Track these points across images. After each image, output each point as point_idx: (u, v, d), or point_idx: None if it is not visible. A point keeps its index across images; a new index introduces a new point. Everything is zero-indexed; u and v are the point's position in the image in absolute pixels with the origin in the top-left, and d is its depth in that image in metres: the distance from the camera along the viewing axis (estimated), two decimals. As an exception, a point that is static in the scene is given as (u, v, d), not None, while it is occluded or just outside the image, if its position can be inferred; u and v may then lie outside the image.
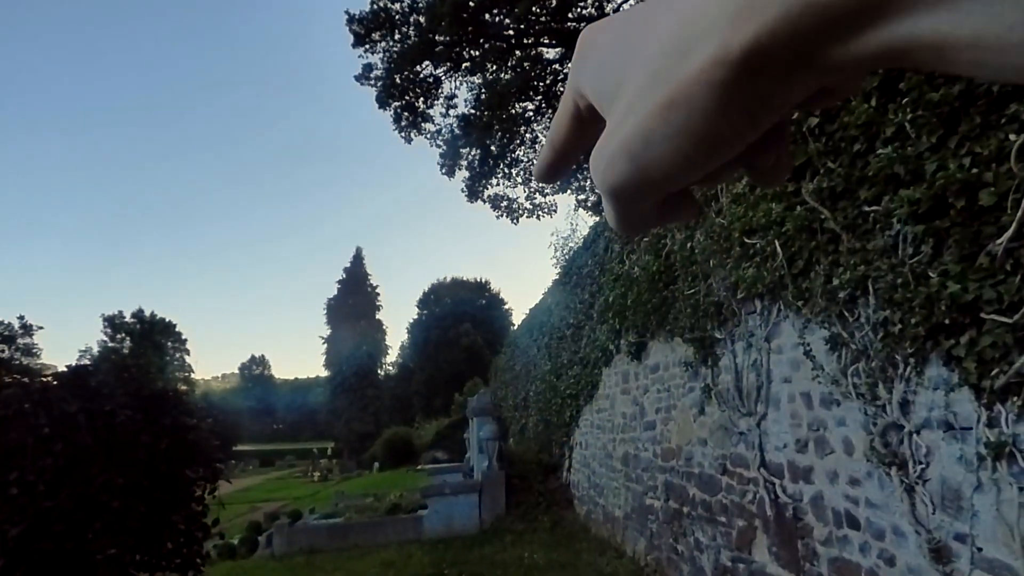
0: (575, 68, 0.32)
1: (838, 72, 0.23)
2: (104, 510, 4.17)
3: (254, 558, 10.28)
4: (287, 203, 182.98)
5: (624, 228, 0.32)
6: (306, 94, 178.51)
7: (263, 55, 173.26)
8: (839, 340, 3.47)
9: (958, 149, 2.63)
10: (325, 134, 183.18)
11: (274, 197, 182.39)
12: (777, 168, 0.29)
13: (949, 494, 2.76)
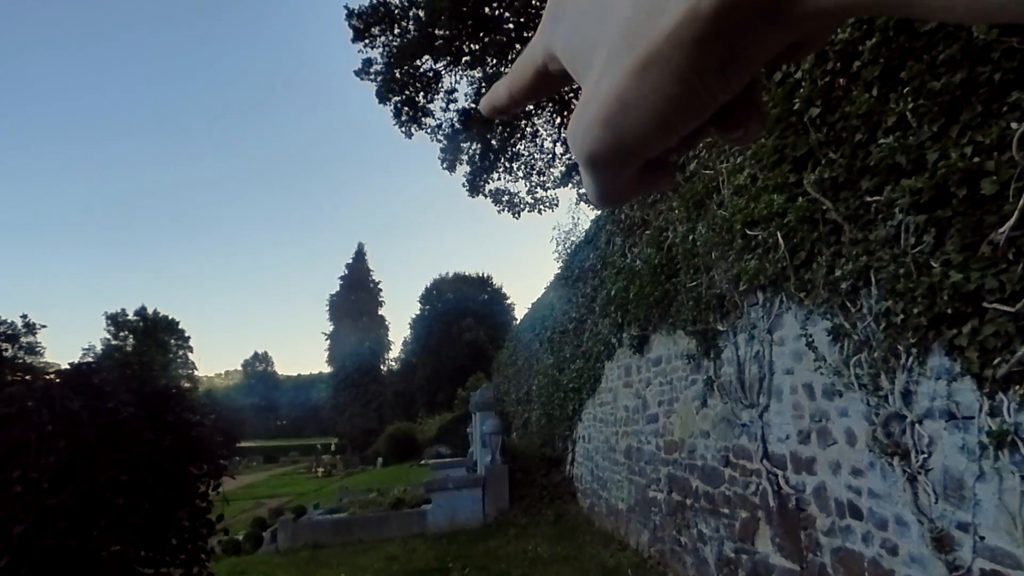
0: (546, 27, 0.31)
1: (808, 23, 0.23)
2: (108, 507, 4.18)
3: (259, 553, 10.33)
4: (289, 200, 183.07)
5: (603, 199, 0.32)
6: (308, 90, 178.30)
7: (264, 51, 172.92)
8: (841, 331, 3.46)
9: (959, 138, 2.62)
10: (326, 131, 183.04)
11: (276, 194, 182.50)
12: (749, 128, 0.29)
13: (951, 483, 2.76)
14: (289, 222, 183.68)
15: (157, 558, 4.64)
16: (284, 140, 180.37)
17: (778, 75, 4.02)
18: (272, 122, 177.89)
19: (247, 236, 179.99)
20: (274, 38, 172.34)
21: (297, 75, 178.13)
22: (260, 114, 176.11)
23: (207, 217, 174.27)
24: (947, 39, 2.68)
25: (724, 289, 4.87)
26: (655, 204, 6.49)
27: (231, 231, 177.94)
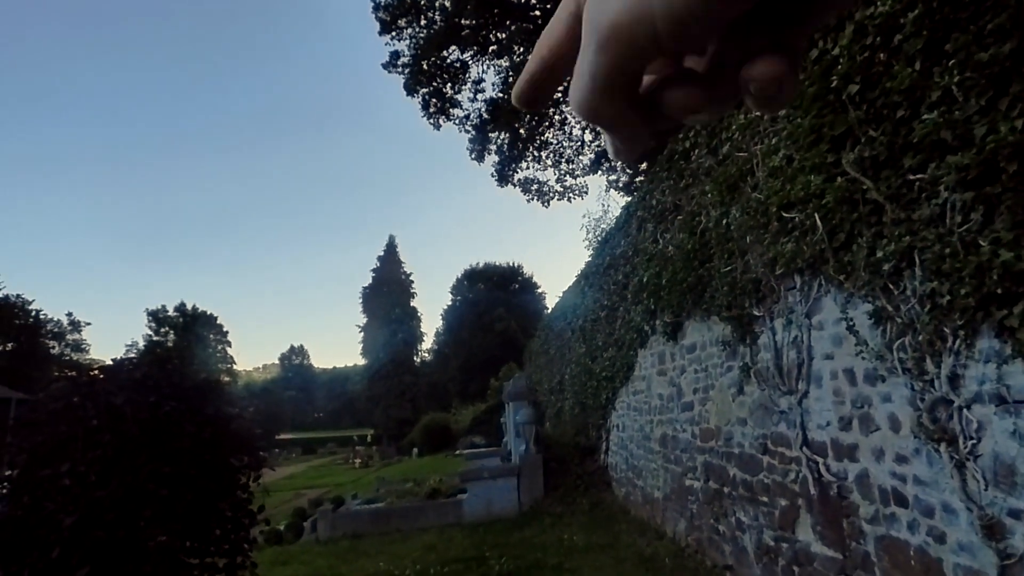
0: None
1: None
2: (153, 499, 4.30)
3: (300, 543, 10.59)
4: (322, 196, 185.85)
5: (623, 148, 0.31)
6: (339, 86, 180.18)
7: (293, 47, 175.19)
8: (884, 314, 3.36)
9: (1009, 111, 2.51)
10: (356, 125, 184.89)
11: (310, 190, 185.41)
12: (780, 90, 0.28)
13: (1002, 469, 2.67)
14: (322, 217, 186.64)
15: (201, 548, 4.77)
16: (317, 137, 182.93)
17: (814, 52, 3.90)
18: (305, 119, 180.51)
19: (282, 232, 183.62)
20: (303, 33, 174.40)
21: (328, 70, 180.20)
22: (292, 112, 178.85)
23: (244, 214, 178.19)
24: (995, 8, 2.56)
25: (759, 273, 4.77)
26: (687, 189, 6.39)
27: (267, 228, 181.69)
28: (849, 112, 3.51)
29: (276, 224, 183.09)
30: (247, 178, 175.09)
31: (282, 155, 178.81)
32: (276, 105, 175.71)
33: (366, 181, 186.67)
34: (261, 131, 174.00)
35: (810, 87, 3.88)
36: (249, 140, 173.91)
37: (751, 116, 4.86)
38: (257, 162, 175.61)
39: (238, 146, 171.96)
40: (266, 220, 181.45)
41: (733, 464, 5.61)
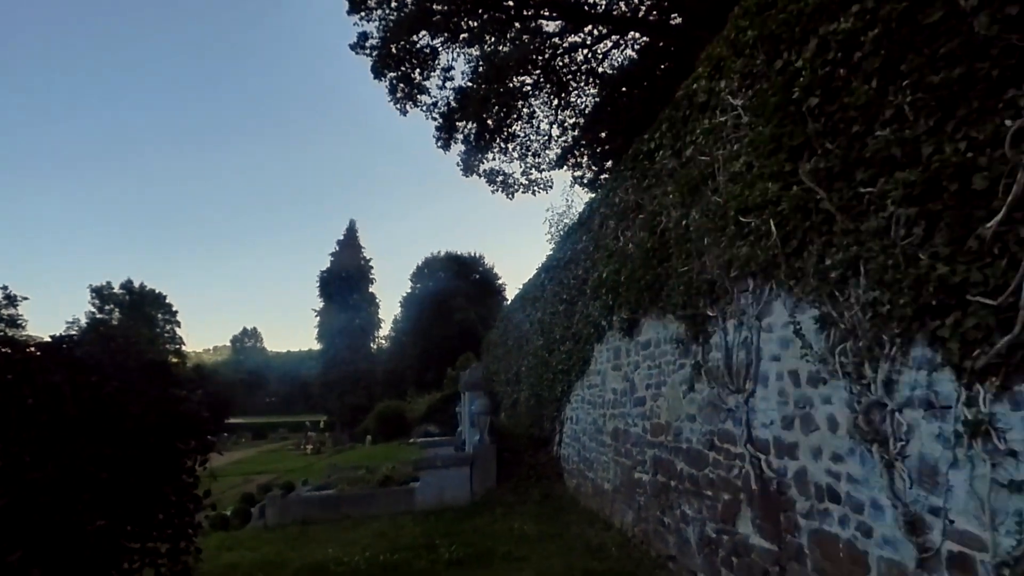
0: None
1: None
2: (93, 482, 4.17)
3: (247, 529, 10.43)
4: (280, 175, 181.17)
5: None
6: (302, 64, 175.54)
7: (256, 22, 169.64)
8: (829, 319, 3.52)
9: (955, 133, 2.65)
10: (320, 106, 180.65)
11: (267, 168, 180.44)
12: None
13: (926, 470, 2.84)
14: (280, 198, 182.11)
15: (143, 533, 4.66)
16: (276, 114, 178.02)
17: (779, 63, 4.02)
18: (264, 96, 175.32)
19: (237, 211, 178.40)
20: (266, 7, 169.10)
21: (291, 48, 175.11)
22: (251, 88, 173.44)
23: (196, 190, 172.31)
24: (948, 34, 2.69)
25: (715, 275, 4.91)
26: (650, 188, 6.51)
27: (221, 205, 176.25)
28: (808, 124, 3.64)
29: (231, 202, 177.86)
30: (201, 155, 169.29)
31: (239, 132, 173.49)
32: (233, 81, 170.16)
33: (327, 163, 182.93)
34: (216, 107, 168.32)
35: (773, 97, 4.00)
36: (204, 116, 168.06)
37: (715, 121, 4.98)
38: (212, 139, 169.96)
39: (192, 123, 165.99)
40: (220, 198, 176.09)
41: (681, 459, 5.78)
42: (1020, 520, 2.34)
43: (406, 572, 6.45)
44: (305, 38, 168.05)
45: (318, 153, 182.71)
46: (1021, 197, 2.33)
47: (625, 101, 17.52)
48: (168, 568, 4.67)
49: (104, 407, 4.44)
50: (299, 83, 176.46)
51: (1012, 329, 2.34)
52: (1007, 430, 2.41)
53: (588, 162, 19.91)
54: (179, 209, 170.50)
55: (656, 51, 17.29)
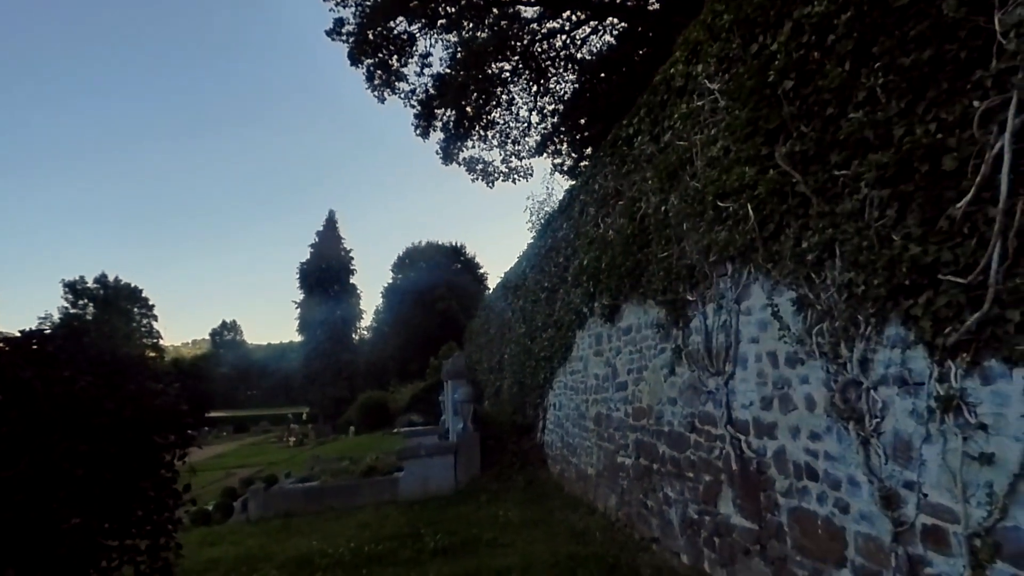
0: None
1: None
2: (67, 478, 4.08)
3: (229, 523, 10.34)
4: (258, 166, 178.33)
5: None
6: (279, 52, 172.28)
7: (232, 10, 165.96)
8: (806, 301, 3.57)
9: (925, 115, 2.68)
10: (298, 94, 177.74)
11: (245, 159, 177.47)
12: None
13: (901, 445, 2.90)
14: (258, 188, 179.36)
15: (121, 530, 4.59)
16: (254, 104, 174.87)
17: (754, 46, 4.03)
18: (240, 85, 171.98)
19: (214, 202, 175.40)
20: None
21: (267, 35, 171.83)
22: (227, 77, 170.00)
23: (172, 183, 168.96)
24: (918, 16, 2.72)
25: (694, 260, 4.95)
26: (629, 175, 6.52)
27: (197, 197, 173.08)
28: (783, 107, 3.66)
29: (208, 195, 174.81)
30: (176, 146, 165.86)
31: (215, 122, 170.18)
32: (210, 70, 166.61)
33: (305, 153, 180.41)
34: (193, 97, 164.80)
35: (749, 80, 4.02)
36: (181, 106, 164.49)
37: (693, 105, 4.99)
38: (188, 129, 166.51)
39: (168, 113, 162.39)
40: (197, 190, 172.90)
41: (663, 442, 5.84)
42: (991, 492, 2.40)
43: (391, 562, 6.45)
44: (281, 25, 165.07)
45: (296, 143, 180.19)
46: (989, 177, 2.37)
47: (604, 87, 17.48)
48: (148, 565, 4.60)
49: (78, 402, 4.34)
50: (276, 71, 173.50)
51: (981, 306, 2.39)
52: (977, 404, 2.47)
53: (568, 149, 19.87)
54: (155, 202, 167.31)
55: (634, 36, 17.25)
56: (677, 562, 5.48)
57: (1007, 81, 2.31)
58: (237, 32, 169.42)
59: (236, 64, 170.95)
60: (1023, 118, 2.26)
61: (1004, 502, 2.35)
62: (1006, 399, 2.36)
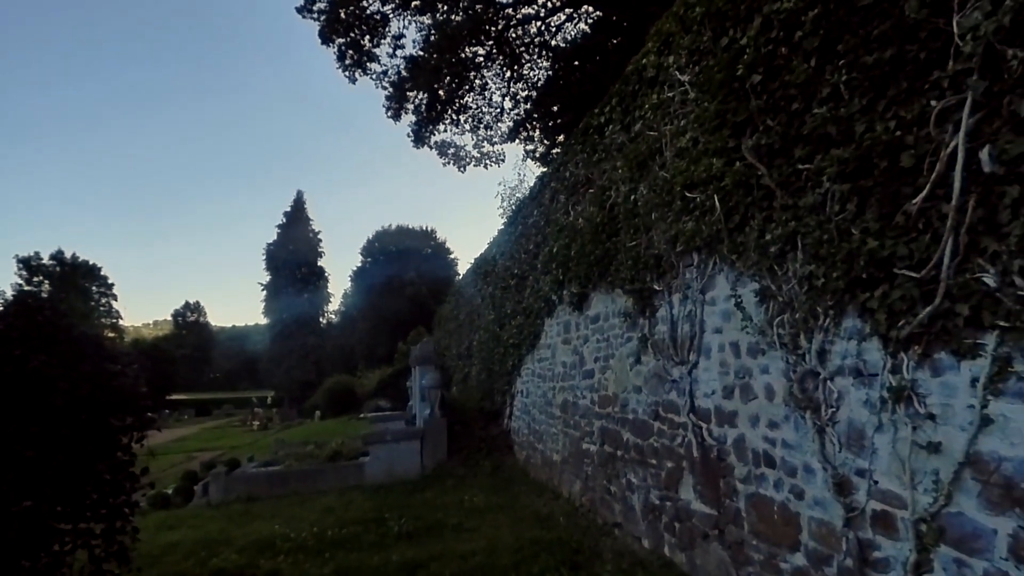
0: None
1: None
2: (17, 460, 3.97)
3: (189, 507, 10.18)
4: (225, 142, 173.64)
5: None
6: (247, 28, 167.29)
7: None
8: (768, 292, 3.64)
9: (885, 112, 2.75)
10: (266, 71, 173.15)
11: (211, 135, 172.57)
12: None
13: (854, 434, 3.00)
14: (224, 166, 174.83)
15: (75, 513, 4.48)
16: (221, 80, 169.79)
17: (724, 40, 4.07)
18: (207, 60, 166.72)
19: (179, 179, 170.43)
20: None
21: (237, 11, 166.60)
22: (194, 51, 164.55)
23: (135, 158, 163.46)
24: (881, 16, 2.77)
25: (662, 249, 5.00)
26: (599, 163, 6.54)
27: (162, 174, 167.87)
28: (751, 100, 3.70)
29: (172, 171, 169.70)
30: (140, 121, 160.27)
31: (182, 96, 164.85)
32: (175, 44, 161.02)
33: (274, 132, 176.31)
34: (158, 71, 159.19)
35: (718, 73, 4.05)
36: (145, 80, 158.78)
37: (664, 96, 5.02)
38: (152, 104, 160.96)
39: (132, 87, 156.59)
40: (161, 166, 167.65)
41: (627, 429, 5.93)
42: (937, 479, 2.50)
43: (355, 546, 6.44)
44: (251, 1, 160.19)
45: (263, 121, 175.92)
46: (944, 175, 2.44)
47: (577, 75, 17.45)
48: (103, 549, 4.51)
49: (29, 382, 4.20)
50: (244, 48, 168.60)
51: (933, 300, 2.47)
52: (927, 395, 2.57)
53: (540, 136, 19.83)
54: (117, 179, 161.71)
55: (609, 25, 17.24)
56: (638, 546, 5.59)
57: (963, 82, 2.37)
58: (205, 6, 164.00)
59: (202, 39, 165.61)
60: (977, 118, 2.33)
61: (949, 489, 2.44)
62: (954, 390, 2.45)
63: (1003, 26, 2.19)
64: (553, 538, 6.07)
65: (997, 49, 2.24)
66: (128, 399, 4.90)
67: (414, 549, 6.18)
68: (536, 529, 6.55)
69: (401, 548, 6.26)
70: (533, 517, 7.10)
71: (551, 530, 6.45)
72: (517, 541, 6.07)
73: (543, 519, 6.96)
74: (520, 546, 5.90)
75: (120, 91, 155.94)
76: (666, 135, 4.92)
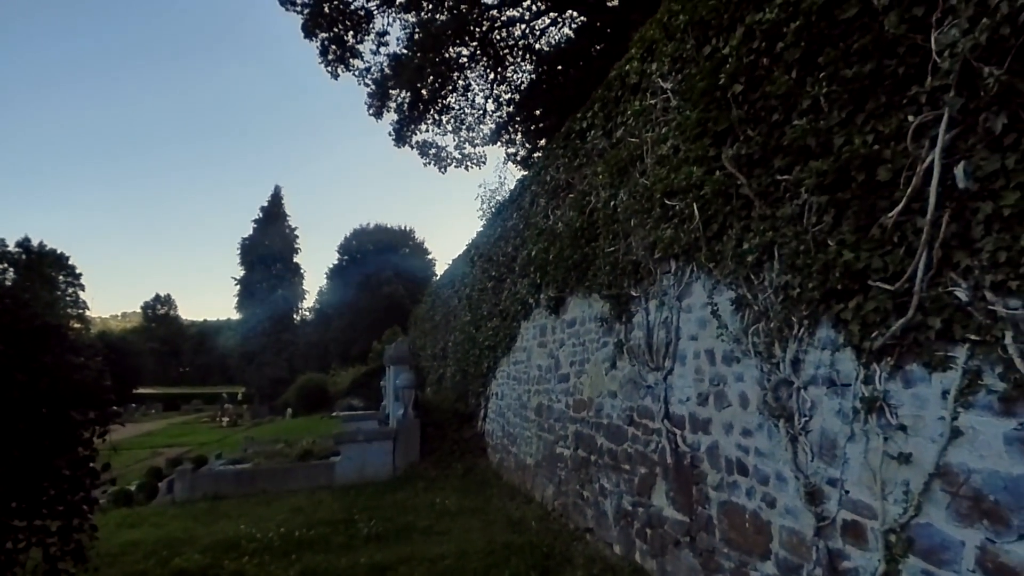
0: None
1: None
2: (-32, 454, 3.83)
3: (153, 505, 9.93)
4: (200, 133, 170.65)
5: None
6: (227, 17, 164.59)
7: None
8: (744, 301, 3.66)
9: (864, 126, 2.77)
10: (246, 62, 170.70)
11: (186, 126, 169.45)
12: None
13: (826, 444, 3.02)
14: (200, 156, 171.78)
15: (31, 509, 4.32)
16: (198, 68, 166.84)
17: (707, 48, 4.09)
18: (185, 48, 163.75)
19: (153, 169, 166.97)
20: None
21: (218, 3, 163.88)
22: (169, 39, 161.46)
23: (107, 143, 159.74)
24: (862, 30, 2.80)
25: (640, 256, 5.01)
26: (580, 168, 6.54)
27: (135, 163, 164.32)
28: (732, 110, 3.72)
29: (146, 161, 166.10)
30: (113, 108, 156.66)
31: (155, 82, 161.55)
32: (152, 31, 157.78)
33: (253, 125, 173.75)
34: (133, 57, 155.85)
35: (700, 82, 4.07)
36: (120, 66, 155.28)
37: (646, 103, 5.03)
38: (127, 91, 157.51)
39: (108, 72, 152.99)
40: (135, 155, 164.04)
41: (601, 434, 5.93)
42: (907, 490, 2.53)
43: (323, 548, 6.33)
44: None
45: (243, 113, 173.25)
46: (920, 189, 2.47)
47: (560, 79, 17.51)
48: (59, 547, 4.36)
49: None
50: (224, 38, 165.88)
51: (906, 313, 2.49)
52: (899, 406, 2.59)
53: (522, 139, 19.84)
54: (88, 165, 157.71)
55: (593, 31, 17.33)
56: (610, 552, 5.58)
57: (940, 98, 2.41)
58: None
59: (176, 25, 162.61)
60: (953, 134, 2.36)
61: (919, 500, 2.47)
62: (925, 402, 2.48)
63: (980, 44, 2.23)
64: (524, 542, 6.04)
65: (974, 66, 2.27)
66: (91, 392, 4.75)
67: (383, 551, 6.10)
68: (507, 533, 6.51)
69: (370, 550, 6.18)
70: (505, 521, 7.06)
71: (523, 534, 6.42)
72: (488, 545, 6.03)
73: (515, 523, 6.92)
74: (491, 550, 5.86)
75: (92, 77, 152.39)
76: (647, 142, 4.93)
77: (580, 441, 6.47)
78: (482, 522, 7.08)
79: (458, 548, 5.99)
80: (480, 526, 6.89)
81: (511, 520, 7.06)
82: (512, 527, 6.76)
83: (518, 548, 5.84)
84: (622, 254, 5.34)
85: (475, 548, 5.96)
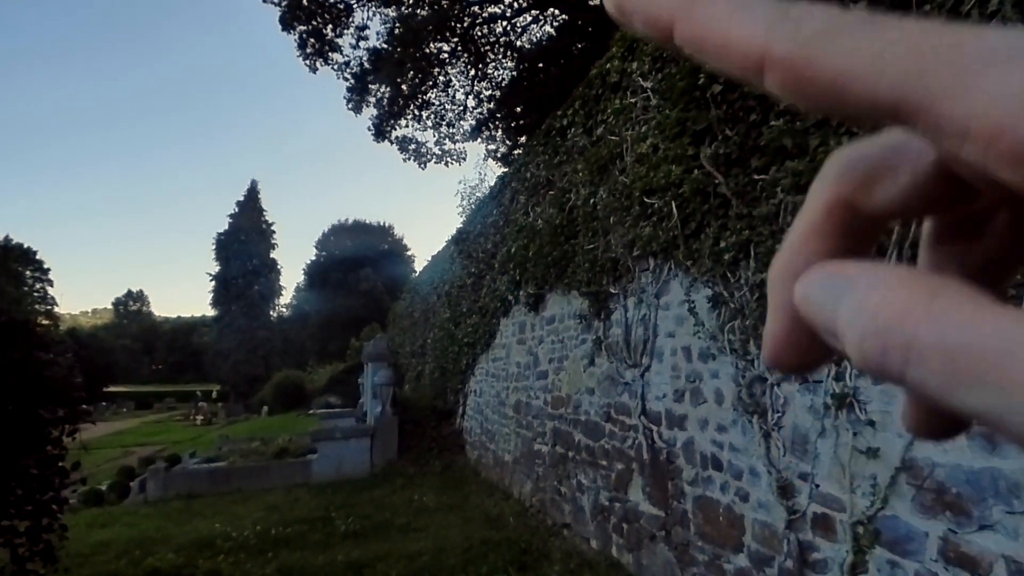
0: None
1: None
2: (-65, 453, 3.73)
3: (125, 504, 9.73)
4: (175, 127, 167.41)
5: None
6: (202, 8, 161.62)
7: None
8: (720, 299, 3.71)
9: (839, 127, 2.83)
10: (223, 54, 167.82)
11: (160, 119, 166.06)
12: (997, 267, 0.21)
13: (798, 439, 3.09)
14: (174, 150, 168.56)
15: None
16: (173, 60, 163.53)
17: (686, 49, 4.13)
18: (160, 39, 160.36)
19: (125, 163, 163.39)
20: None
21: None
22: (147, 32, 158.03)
23: (78, 135, 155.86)
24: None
25: (619, 253, 5.05)
26: (561, 165, 6.56)
27: (105, 153, 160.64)
28: (711, 110, 3.77)
29: (118, 153, 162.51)
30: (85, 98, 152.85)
31: (131, 74, 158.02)
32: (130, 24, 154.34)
33: (229, 117, 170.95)
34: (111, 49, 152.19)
35: (680, 81, 4.11)
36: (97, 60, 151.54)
37: (626, 101, 5.07)
38: (99, 83, 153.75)
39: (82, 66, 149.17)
40: (106, 146, 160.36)
41: (579, 430, 5.97)
42: (875, 483, 2.59)
43: (299, 546, 6.28)
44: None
45: (219, 105, 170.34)
46: (892, 190, 2.53)
47: (541, 77, 17.53)
48: (27, 548, 4.26)
49: (-51, 372, 3.94)
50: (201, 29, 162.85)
51: (877, 311, 2.55)
52: (867, 402, 2.66)
53: (502, 136, 19.83)
54: (58, 157, 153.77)
55: (574, 29, 17.37)
56: (587, 547, 5.63)
57: (912, 102, 2.47)
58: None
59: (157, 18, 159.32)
60: (924, 138, 2.42)
61: (886, 493, 2.54)
62: (892, 398, 2.54)
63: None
64: (502, 538, 6.06)
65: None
66: (60, 389, 4.65)
67: (360, 549, 6.07)
68: (485, 529, 6.52)
69: (347, 547, 6.14)
70: (483, 517, 7.07)
71: (500, 530, 6.43)
72: (466, 541, 6.04)
73: (493, 519, 6.93)
74: (469, 546, 5.86)
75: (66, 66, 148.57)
76: (627, 140, 4.97)
77: (558, 437, 6.51)
78: (460, 519, 7.08)
79: (436, 545, 5.99)
80: (458, 523, 6.89)
81: (489, 516, 7.07)
82: (490, 523, 6.77)
83: (496, 544, 5.85)
84: (601, 251, 5.37)
85: (453, 544, 5.96)
